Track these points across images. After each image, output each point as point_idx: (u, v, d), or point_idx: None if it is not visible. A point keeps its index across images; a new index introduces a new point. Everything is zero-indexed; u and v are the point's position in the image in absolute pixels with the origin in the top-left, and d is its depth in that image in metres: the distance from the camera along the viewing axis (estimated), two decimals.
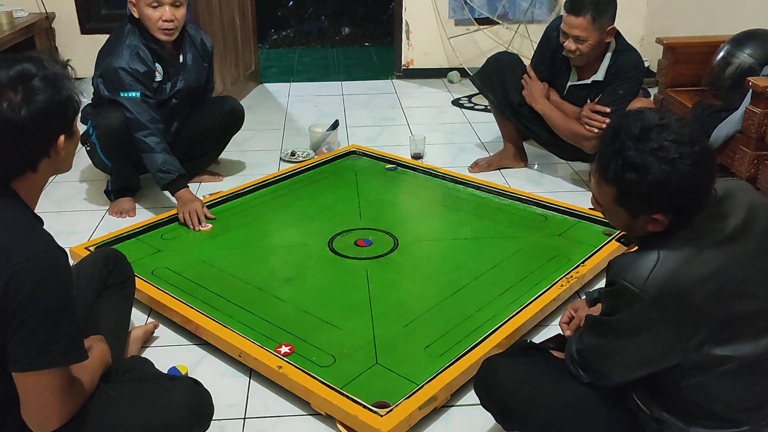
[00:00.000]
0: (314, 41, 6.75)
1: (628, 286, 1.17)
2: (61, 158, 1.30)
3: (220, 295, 2.09)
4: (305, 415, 1.71)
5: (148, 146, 2.56)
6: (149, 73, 2.63)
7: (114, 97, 2.56)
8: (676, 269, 1.16)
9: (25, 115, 1.18)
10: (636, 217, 1.23)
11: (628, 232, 1.32)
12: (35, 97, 1.20)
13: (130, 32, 2.61)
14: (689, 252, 1.18)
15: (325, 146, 3.38)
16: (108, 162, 2.69)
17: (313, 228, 2.57)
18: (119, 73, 2.54)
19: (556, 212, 2.62)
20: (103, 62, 2.61)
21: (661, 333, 1.17)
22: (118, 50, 2.57)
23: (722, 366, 1.19)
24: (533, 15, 4.55)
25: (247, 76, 4.42)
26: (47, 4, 4.33)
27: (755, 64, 2.76)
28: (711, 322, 1.16)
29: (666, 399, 1.26)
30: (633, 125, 1.19)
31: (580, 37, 2.61)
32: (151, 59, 2.63)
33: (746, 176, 2.46)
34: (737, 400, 1.22)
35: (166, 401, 1.37)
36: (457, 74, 4.68)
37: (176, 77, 2.73)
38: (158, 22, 2.56)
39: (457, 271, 2.25)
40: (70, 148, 1.32)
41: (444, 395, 1.69)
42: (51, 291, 1.16)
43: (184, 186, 2.61)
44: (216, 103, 2.97)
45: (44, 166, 1.28)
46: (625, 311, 1.20)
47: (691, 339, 1.17)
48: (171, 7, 2.56)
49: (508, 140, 3.17)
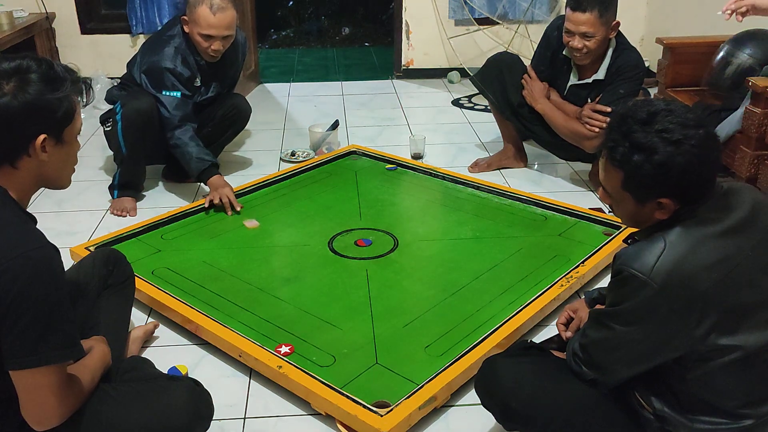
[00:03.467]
0: (314, 41, 6.75)
1: (635, 274, 1.18)
2: (46, 163, 1.27)
3: (220, 295, 2.09)
4: (305, 415, 1.71)
5: (182, 141, 2.68)
6: (192, 78, 2.74)
7: (156, 94, 2.66)
8: (682, 257, 1.17)
9: (8, 102, 1.19)
10: (643, 203, 1.24)
11: (635, 223, 1.32)
12: (27, 89, 1.20)
13: (180, 35, 2.71)
14: (695, 241, 1.19)
15: (325, 146, 3.38)
16: (124, 148, 2.72)
17: (313, 228, 2.57)
18: (165, 74, 2.66)
19: (556, 212, 2.63)
20: (152, 58, 2.69)
21: (667, 321, 1.18)
22: (168, 51, 2.68)
23: (727, 356, 1.19)
24: (533, 15, 4.55)
25: (247, 76, 4.42)
26: (47, 5, 4.33)
27: (755, 64, 2.75)
28: (717, 311, 1.17)
29: (669, 395, 1.26)
30: (640, 111, 1.22)
31: (587, 34, 2.60)
32: (195, 67, 2.74)
33: (746, 176, 2.46)
34: (741, 394, 1.22)
35: (166, 402, 1.37)
36: (457, 74, 4.68)
37: (211, 84, 2.85)
38: (207, 50, 2.68)
39: (457, 271, 2.25)
40: (59, 156, 1.29)
41: (444, 395, 1.69)
42: (43, 288, 1.16)
43: (217, 173, 2.71)
44: (223, 97, 3.00)
45: (26, 166, 1.26)
46: (632, 300, 1.20)
47: (697, 328, 1.17)
48: (221, 40, 2.67)
49: (508, 140, 3.17)
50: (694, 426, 1.24)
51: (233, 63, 2.94)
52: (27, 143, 1.24)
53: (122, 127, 2.68)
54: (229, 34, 2.68)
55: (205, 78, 2.82)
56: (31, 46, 4.19)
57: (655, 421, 1.29)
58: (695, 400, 1.24)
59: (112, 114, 2.73)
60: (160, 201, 2.88)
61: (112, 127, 2.72)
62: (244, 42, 3.00)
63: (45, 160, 1.26)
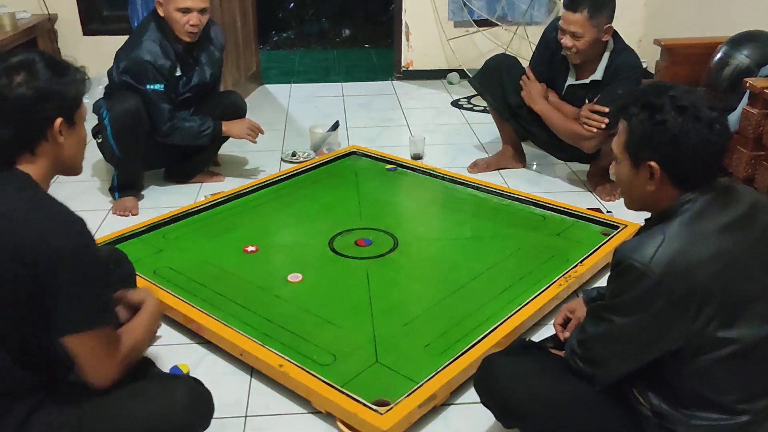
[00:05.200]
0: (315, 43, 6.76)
1: (634, 264, 1.20)
2: (63, 147, 1.33)
3: (222, 294, 2.11)
4: (306, 413, 1.72)
5: (179, 124, 2.73)
6: (172, 68, 2.74)
7: (140, 87, 2.67)
8: (681, 248, 1.19)
9: (23, 92, 1.25)
10: (637, 168, 1.28)
11: (629, 194, 1.35)
12: (37, 76, 1.27)
13: (154, 29, 2.71)
14: (694, 234, 1.21)
15: (325, 147, 3.39)
16: (117, 150, 2.72)
17: (313, 228, 2.58)
18: (147, 66, 2.66)
19: (555, 212, 2.64)
20: (129, 55, 2.69)
21: (665, 312, 1.19)
22: (145, 44, 2.68)
23: (724, 349, 1.20)
24: (532, 17, 4.57)
25: (249, 77, 4.44)
26: (49, 6, 4.35)
27: (752, 65, 2.77)
28: (714, 303, 1.18)
29: (666, 391, 1.27)
30: (666, 83, 1.31)
31: (576, 33, 2.63)
32: (173, 55, 2.73)
33: (743, 177, 2.47)
34: (738, 389, 1.23)
35: (167, 400, 1.38)
36: (456, 75, 4.69)
37: (191, 73, 2.83)
38: (185, 26, 2.68)
39: (456, 270, 2.27)
40: (72, 139, 1.35)
41: (443, 393, 1.70)
42: (88, 259, 1.24)
43: (221, 126, 2.83)
44: (218, 97, 3.01)
45: (44, 152, 1.31)
46: (631, 291, 1.22)
47: (695, 320, 1.18)
48: (198, 13, 2.67)
49: (506, 141, 3.19)
50: (692, 422, 1.25)
51: (210, 53, 2.88)
52: (45, 128, 1.29)
53: (112, 131, 2.68)
54: (204, 6, 2.68)
55: (184, 67, 2.80)
56: (34, 48, 4.21)
57: (653, 417, 1.29)
58: (692, 395, 1.25)
59: (100, 120, 2.73)
60: (162, 201, 2.89)
61: (103, 137, 2.73)
62: (223, 40, 2.98)
63: (62, 143, 1.32)
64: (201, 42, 2.83)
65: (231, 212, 2.70)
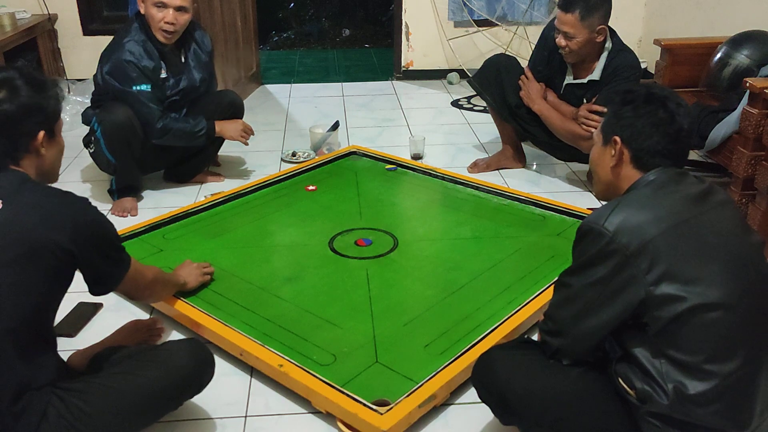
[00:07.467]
0: (315, 43, 6.77)
1: (590, 226, 1.30)
2: (44, 158, 1.43)
3: (222, 295, 2.11)
4: (306, 413, 1.72)
5: (171, 125, 2.71)
6: (156, 68, 2.70)
7: (126, 89, 2.63)
8: (634, 209, 1.29)
9: (6, 108, 1.34)
10: (605, 144, 1.42)
11: (597, 174, 1.47)
12: (19, 93, 1.35)
13: (136, 29, 2.67)
14: (647, 199, 1.32)
15: (325, 147, 3.40)
16: (113, 158, 2.71)
17: (313, 228, 2.58)
18: (129, 67, 2.62)
19: (555, 212, 2.64)
20: (111, 57, 2.65)
21: (621, 267, 1.25)
22: (127, 45, 2.63)
23: (680, 304, 1.22)
24: (532, 17, 4.57)
25: (249, 77, 4.45)
26: (49, 6, 4.35)
27: (752, 65, 2.78)
28: (666, 259, 1.23)
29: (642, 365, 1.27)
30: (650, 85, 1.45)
31: (568, 34, 2.64)
32: (157, 56, 2.69)
33: (743, 177, 2.47)
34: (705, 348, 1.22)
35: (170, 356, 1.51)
36: (456, 75, 4.70)
37: (179, 76, 2.79)
38: (160, 23, 2.63)
39: (456, 270, 2.27)
40: (53, 149, 1.46)
41: (443, 393, 1.70)
42: (106, 224, 1.44)
43: (214, 124, 2.83)
44: (216, 96, 2.99)
45: (26, 163, 1.41)
46: (588, 251, 1.30)
47: (648, 273, 1.23)
48: (175, 11, 2.63)
49: (506, 141, 3.19)
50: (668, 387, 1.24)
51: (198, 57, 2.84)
52: (29, 142, 1.39)
53: (105, 144, 2.67)
54: (182, 5, 2.62)
55: (171, 69, 2.76)
56: (34, 48, 4.22)
57: (641, 406, 1.28)
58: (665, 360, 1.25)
59: (92, 134, 2.71)
60: (162, 201, 2.89)
61: (96, 147, 2.70)
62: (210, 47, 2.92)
63: (44, 154, 1.43)
64: (188, 44, 2.80)
65: (231, 212, 2.70)
